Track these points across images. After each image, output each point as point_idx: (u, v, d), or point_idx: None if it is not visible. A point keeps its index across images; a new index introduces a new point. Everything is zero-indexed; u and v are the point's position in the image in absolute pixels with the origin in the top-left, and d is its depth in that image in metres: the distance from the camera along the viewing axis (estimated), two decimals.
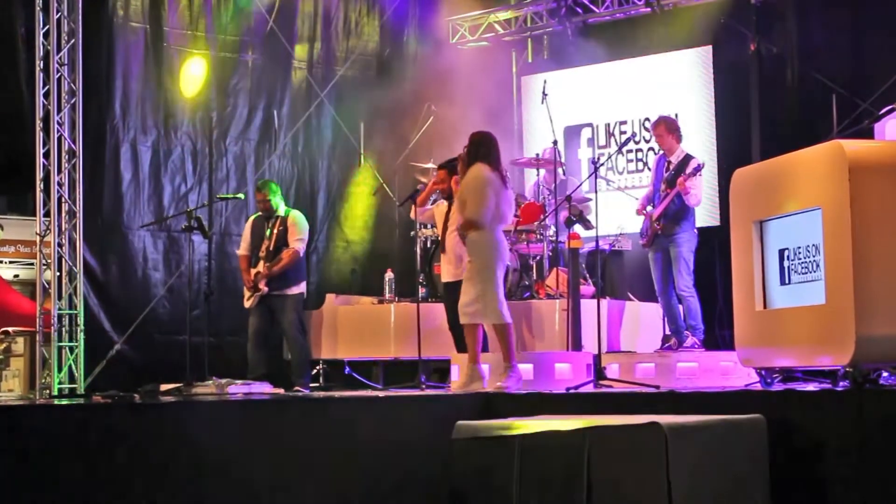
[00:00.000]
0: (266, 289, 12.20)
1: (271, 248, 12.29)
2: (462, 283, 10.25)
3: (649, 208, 11.92)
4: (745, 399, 7.82)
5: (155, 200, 13.64)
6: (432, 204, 12.23)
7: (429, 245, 12.83)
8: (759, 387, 8.64)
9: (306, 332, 12.48)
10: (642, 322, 12.59)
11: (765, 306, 8.31)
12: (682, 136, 12.02)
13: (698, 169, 11.54)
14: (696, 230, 11.76)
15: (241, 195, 13.51)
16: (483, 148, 10.13)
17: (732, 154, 12.65)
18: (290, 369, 12.44)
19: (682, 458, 6.67)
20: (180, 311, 13.28)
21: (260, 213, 12.60)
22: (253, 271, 12.28)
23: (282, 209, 12.43)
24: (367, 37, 15.67)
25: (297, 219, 12.38)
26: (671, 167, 11.83)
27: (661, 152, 12.12)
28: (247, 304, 12.37)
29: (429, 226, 12.71)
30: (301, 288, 12.41)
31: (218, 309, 12.75)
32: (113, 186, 13.35)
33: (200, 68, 14.07)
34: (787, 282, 8.11)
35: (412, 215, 12.03)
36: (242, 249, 12.53)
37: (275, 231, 12.33)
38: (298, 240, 12.30)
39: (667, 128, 11.96)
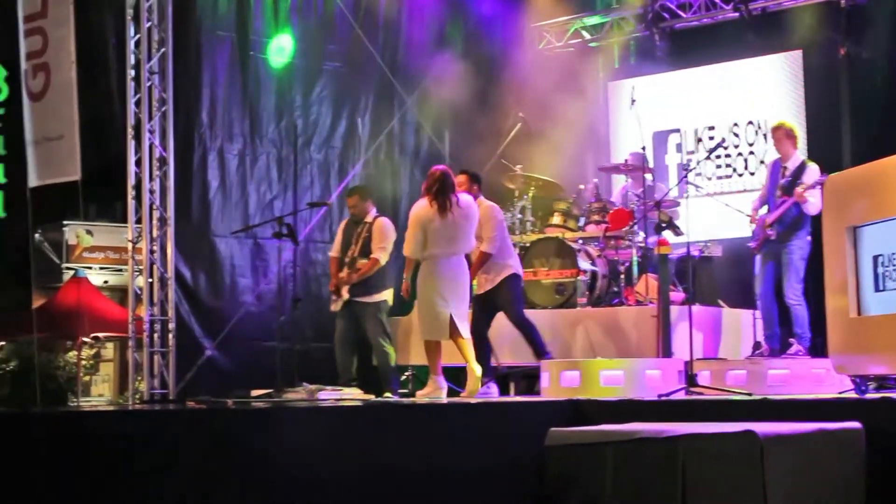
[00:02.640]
0: (347, 295, 12.22)
1: (356, 255, 12.28)
2: (480, 296, 11.53)
3: (762, 211, 11.82)
4: (840, 407, 7.73)
5: (241, 208, 13.72)
6: None
7: None
8: (852, 394, 8.55)
9: (391, 339, 12.45)
10: (733, 329, 12.48)
11: (859, 313, 8.23)
12: (798, 143, 11.90)
13: (820, 182, 11.36)
14: (810, 237, 11.56)
15: (329, 202, 13.57)
16: (426, 182, 10.97)
17: (823, 160, 12.50)
18: (379, 375, 12.46)
19: (778, 467, 6.61)
20: (267, 318, 13.35)
21: (351, 217, 12.62)
22: (340, 275, 12.28)
23: (371, 215, 12.43)
24: (453, 43, 15.66)
25: (382, 226, 12.33)
26: (787, 173, 11.72)
27: (777, 157, 11.99)
28: (333, 307, 12.37)
29: None
30: (384, 295, 12.37)
31: (303, 315, 12.79)
32: (201, 194, 13.44)
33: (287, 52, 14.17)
34: (881, 288, 8.02)
35: None
36: (334, 251, 12.54)
37: (361, 237, 12.33)
38: (381, 248, 12.24)
39: (785, 133, 11.84)
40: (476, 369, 10.63)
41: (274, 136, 14.05)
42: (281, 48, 14.12)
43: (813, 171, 11.54)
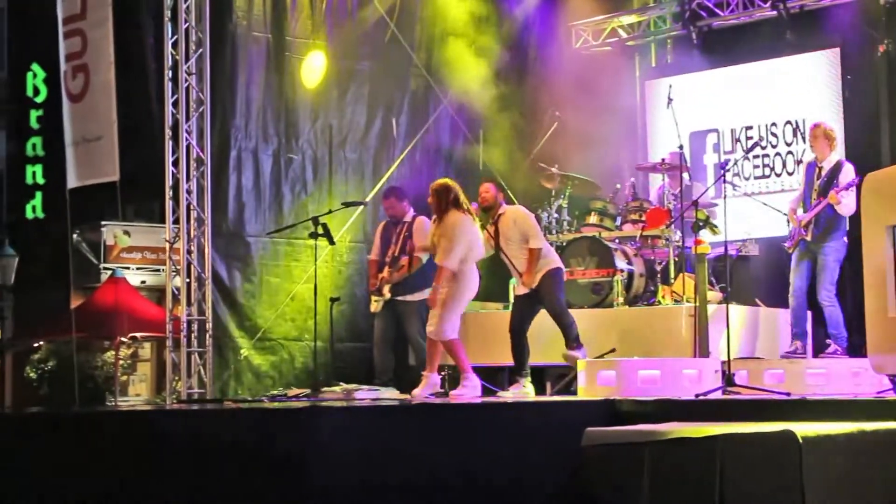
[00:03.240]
0: (389, 294, 12.21)
1: (396, 254, 12.28)
2: (525, 295, 11.34)
3: (799, 211, 11.79)
4: (879, 406, 7.69)
5: (275, 208, 13.74)
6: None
7: None
8: (892, 394, 8.50)
9: None
10: (770, 328, 12.43)
11: None
12: (836, 144, 11.86)
13: (852, 185, 11.30)
14: (846, 239, 11.54)
15: (364, 202, 13.58)
16: (451, 195, 10.98)
17: (862, 158, 12.48)
18: (415, 375, 12.45)
19: (817, 468, 6.57)
20: (303, 318, 13.37)
21: (388, 219, 12.60)
22: (380, 276, 12.28)
23: (409, 215, 12.42)
24: (489, 42, 15.61)
25: (423, 224, 12.32)
26: (822, 173, 11.67)
27: (813, 157, 11.95)
28: (373, 308, 12.37)
29: None
30: (426, 294, 12.36)
31: (337, 315, 12.80)
32: (236, 194, 13.46)
33: (320, 71, 14.12)
34: None
35: None
36: (372, 254, 12.54)
37: (401, 237, 12.32)
38: (422, 247, 12.25)
39: (822, 133, 11.79)
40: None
41: (309, 136, 14.05)
42: (314, 66, 14.10)
43: (848, 172, 11.49)
